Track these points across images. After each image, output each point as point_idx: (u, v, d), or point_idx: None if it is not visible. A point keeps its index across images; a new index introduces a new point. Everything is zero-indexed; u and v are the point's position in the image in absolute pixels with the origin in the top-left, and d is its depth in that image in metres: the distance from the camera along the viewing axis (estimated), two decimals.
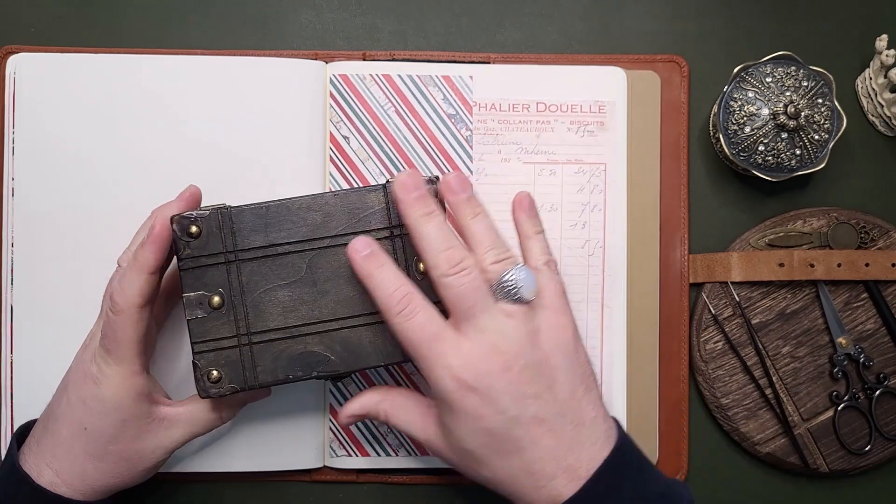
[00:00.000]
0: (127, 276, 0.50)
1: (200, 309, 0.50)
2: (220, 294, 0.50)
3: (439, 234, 0.49)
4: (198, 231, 0.50)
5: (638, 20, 0.65)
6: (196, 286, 0.50)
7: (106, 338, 0.50)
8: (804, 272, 0.61)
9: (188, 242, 0.50)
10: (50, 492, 0.50)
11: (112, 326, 0.50)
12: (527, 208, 0.54)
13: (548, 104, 0.62)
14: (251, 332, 0.51)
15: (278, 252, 0.51)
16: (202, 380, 0.50)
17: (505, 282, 0.47)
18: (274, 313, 0.51)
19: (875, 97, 0.63)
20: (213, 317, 0.50)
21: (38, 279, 0.60)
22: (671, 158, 0.63)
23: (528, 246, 0.53)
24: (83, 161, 0.60)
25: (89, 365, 0.51)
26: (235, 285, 0.50)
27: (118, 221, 0.60)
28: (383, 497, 0.62)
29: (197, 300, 0.50)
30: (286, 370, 0.51)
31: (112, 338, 0.50)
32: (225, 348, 0.50)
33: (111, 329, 0.50)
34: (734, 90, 0.60)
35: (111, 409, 0.50)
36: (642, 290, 0.62)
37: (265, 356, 0.51)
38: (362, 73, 0.62)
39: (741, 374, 0.62)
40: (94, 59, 0.61)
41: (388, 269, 0.49)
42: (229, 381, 0.51)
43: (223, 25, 0.64)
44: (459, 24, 0.65)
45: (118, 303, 0.49)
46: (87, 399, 0.50)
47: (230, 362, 0.51)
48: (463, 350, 0.47)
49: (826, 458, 0.62)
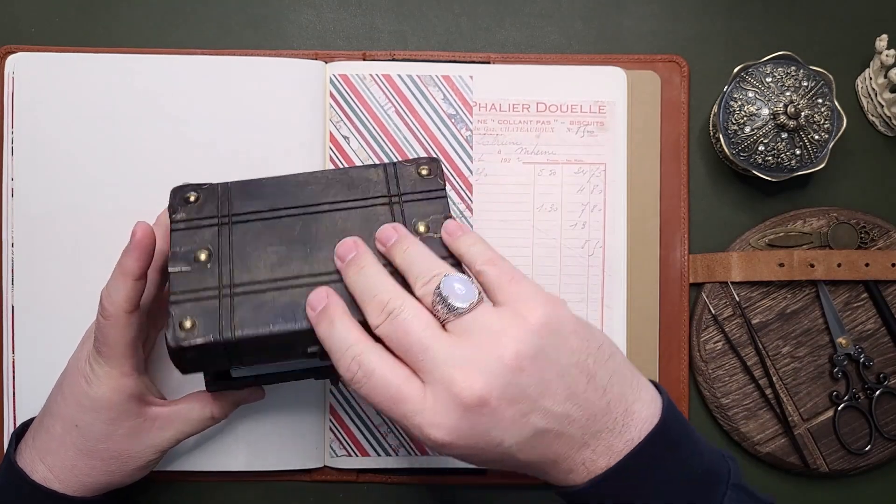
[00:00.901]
0: (113, 282, 0.50)
1: (185, 263, 0.48)
2: (207, 250, 0.48)
3: (366, 283, 0.45)
4: (196, 198, 0.50)
5: (638, 20, 0.65)
6: (184, 243, 0.49)
7: (97, 340, 0.51)
8: (804, 272, 0.61)
9: (184, 206, 0.50)
10: (43, 487, 0.50)
11: (102, 330, 0.50)
12: (452, 231, 0.48)
13: (548, 104, 0.62)
14: (234, 283, 0.47)
15: (273, 216, 0.50)
16: (173, 328, 0.46)
17: (437, 300, 0.43)
18: (262, 267, 0.48)
19: (875, 97, 0.63)
20: (197, 270, 0.48)
21: (39, 279, 0.60)
22: (671, 158, 0.63)
23: (466, 261, 0.47)
24: (83, 161, 0.60)
25: (83, 364, 0.52)
26: (225, 243, 0.49)
27: (118, 221, 0.60)
28: (383, 497, 0.62)
29: (183, 255, 0.48)
30: (268, 321, 0.46)
31: (103, 341, 0.50)
32: (204, 299, 0.47)
33: (101, 332, 0.50)
34: (734, 90, 0.60)
35: (102, 408, 0.51)
36: (642, 290, 0.62)
37: (245, 306, 0.47)
38: (362, 73, 0.62)
39: (741, 374, 0.62)
40: (94, 59, 0.61)
41: (339, 325, 0.44)
42: (202, 331, 0.46)
43: (223, 25, 0.64)
44: (459, 24, 0.65)
45: (106, 308, 0.50)
46: (80, 397, 0.51)
47: (207, 312, 0.46)
48: (427, 407, 0.41)
49: (826, 458, 0.62)
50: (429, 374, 0.41)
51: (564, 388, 0.42)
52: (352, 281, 0.46)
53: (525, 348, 0.41)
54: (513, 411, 0.41)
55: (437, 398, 0.41)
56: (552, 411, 0.42)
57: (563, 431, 0.42)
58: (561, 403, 0.42)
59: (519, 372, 0.41)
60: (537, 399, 0.41)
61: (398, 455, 0.61)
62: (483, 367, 0.41)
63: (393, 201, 0.51)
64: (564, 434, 0.42)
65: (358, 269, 0.46)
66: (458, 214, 0.62)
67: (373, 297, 0.44)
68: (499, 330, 0.42)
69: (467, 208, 0.62)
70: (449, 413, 0.41)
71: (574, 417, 0.42)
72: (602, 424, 0.42)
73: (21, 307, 0.60)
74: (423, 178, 0.52)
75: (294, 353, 0.47)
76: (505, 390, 0.41)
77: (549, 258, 0.62)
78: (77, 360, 0.53)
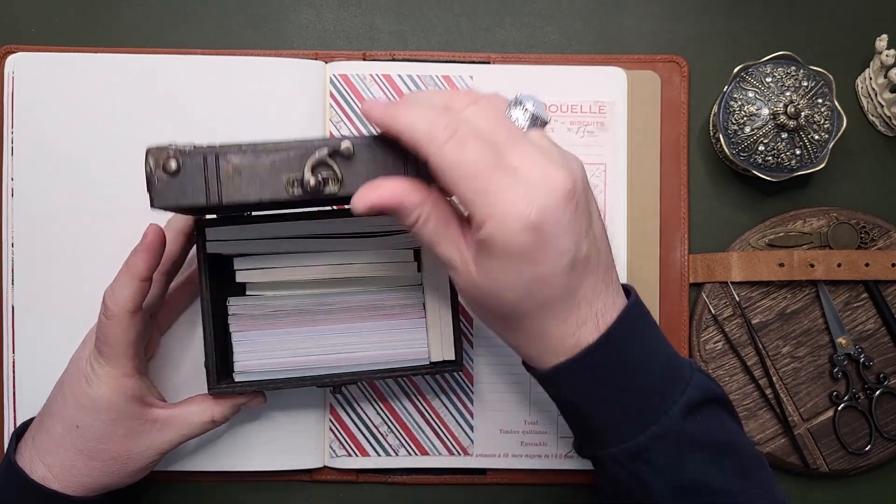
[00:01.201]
0: (118, 282, 0.50)
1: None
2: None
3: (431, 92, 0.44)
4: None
5: (638, 20, 0.65)
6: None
7: (99, 340, 0.51)
8: (804, 272, 0.61)
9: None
10: (43, 487, 0.51)
11: (104, 330, 0.50)
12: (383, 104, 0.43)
13: (548, 104, 0.62)
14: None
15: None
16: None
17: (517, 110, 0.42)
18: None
19: (875, 97, 0.63)
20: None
21: (38, 279, 0.60)
22: (671, 158, 0.63)
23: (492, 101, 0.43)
24: (83, 161, 0.60)
25: (84, 364, 0.52)
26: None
27: (118, 221, 0.60)
28: (383, 497, 0.62)
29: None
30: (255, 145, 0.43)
31: (104, 341, 0.50)
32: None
33: (103, 332, 0.50)
34: (734, 90, 0.60)
35: (102, 409, 0.51)
36: (642, 290, 0.61)
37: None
38: (362, 73, 0.62)
39: (741, 374, 0.62)
40: (94, 59, 0.61)
41: (418, 106, 0.42)
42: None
43: (223, 25, 0.64)
44: (459, 24, 0.65)
45: (110, 307, 0.50)
46: (80, 397, 0.51)
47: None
48: (521, 182, 0.39)
49: (826, 458, 0.62)
50: (523, 153, 0.40)
51: (601, 224, 0.44)
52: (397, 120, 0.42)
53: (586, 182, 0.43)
54: (580, 224, 0.41)
55: (536, 177, 0.39)
56: (592, 240, 0.42)
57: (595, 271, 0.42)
58: (598, 240, 0.43)
59: (587, 193, 0.42)
60: (588, 225, 0.42)
61: (398, 455, 0.61)
62: (571, 172, 0.40)
63: None
64: (595, 274, 0.42)
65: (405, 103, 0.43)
66: None
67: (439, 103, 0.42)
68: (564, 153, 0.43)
69: None
70: (547, 195, 0.39)
71: (603, 254, 0.43)
72: (611, 277, 0.44)
73: (21, 307, 0.60)
74: None
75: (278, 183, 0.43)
76: (580, 199, 0.41)
77: None
78: (78, 361, 0.52)
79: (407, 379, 0.61)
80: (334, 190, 0.43)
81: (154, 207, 0.43)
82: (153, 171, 0.43)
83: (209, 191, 0.43)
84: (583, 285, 0.42)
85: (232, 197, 0.43)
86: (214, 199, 0.43)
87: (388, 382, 0.61)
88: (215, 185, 0.43)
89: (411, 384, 0.61)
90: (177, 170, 0.43)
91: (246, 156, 0.43)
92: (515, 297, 0.41)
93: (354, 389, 0.61)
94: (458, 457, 0.61)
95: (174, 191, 0.43)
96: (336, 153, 0.43)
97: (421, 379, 0.61)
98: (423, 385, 0.61)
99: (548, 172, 0.39)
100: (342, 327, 0.54)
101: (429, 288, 0.55)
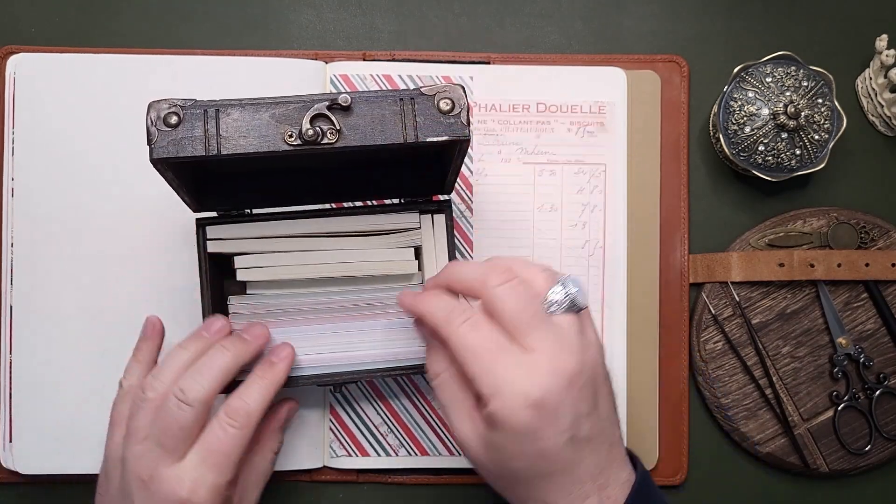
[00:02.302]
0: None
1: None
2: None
3: (473, 263, 0.49)
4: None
5: (638, 20, 0.65)
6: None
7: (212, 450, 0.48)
8: (804, 272, 0.61)
9: None
10: None
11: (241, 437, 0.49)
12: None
13: (548, 104, 0.62)
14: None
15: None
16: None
17: (556, 292, 0.46)
18: None
19: (875, 97, 0.63)
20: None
21: (38, 279, 0.60)
22: (671, 158, 0.63)
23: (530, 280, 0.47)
24: (83, 161, 0.60)
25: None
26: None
27: (118, 221, 0.60)
28: (383, 497, 0.62)
29: None
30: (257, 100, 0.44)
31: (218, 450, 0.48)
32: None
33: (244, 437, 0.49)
34: (734, 90, 0.60)
35: None
36: (642, 290, 0.62)
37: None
38: (362, 73, 0.62)
39: (741, 374, 0.62)
40: (94, 59, 0.61)
41: (443, 294, 0.48)
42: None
43: (223, 25, 0.64)
44: (459, 24, 0.65)
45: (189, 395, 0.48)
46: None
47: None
48: (533, 364, 0.43)
49: (826, 458, 0.62)
50: (537, 338, 0.44)
51: (608, 406, 0.47)
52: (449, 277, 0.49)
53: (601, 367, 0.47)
54: (582, 406, 0.44)
55: (541, 360, 0.43)
56: (596, 421, 0.45)
57: (597, 448, 0.45)
58: (603, 421, 0.46)
59: (596, 378, 0.46)
60: (594, 408, 0.45)
61: (398, 455, 0.61)
62: (581, 358, 0.44)
63: None
64: (597, 451, 0.45)
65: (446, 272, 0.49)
66: (458, 215, 0.62)
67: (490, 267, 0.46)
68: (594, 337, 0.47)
69: (467, 208, 0.62)
70: (548, 377, 0.43)
71: (607, 433, 0.46)
72: (615, 454, 0.46)
73: (19, 307, 0.60)
74: None
75: (276, 135, 0.44)
76: (586, 383, 0.44)
77: (549, 258, 0.62)
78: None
79: (407, 379, 0.61)
80: (332, 140, 0.44)
81: (153, 159, 0.43)
82: (153, 123, 0.43)
83: (208, 143, 0.43)
84: (584, 461, 0.45)
85: (231, 149, 0.43)
86: (213, 150, 0.43)
87: (389, 382, 0.61)
88: (214, 138, 0.43)
89: (411, 384, 0.61)
90: (177, 123, 0.43)
91: (246, 110, 0.44)
92: (520, 468, 0.45)
93: (354, 389, 0.61)
94: (458, 457, 0.61)
95: (174, 143, 0.43)
96: (335, 105, 0.44)
97: (421, 379, 0.61)
98: (423, 385, 0.61)
99: (558, 357, 0.44)
100: (342, 326, 0.54)
101: None
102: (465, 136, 0.45)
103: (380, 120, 0.44)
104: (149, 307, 0.59)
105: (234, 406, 0.48)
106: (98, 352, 0.59)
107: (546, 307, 0.45)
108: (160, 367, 0.50)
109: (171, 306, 0.59)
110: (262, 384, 0.50)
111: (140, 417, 0.48)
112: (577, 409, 0.44)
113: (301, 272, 0.54)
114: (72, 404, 0.59)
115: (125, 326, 0.59)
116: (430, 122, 0.45)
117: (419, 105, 0.45)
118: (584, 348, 0.45)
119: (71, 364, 0.59)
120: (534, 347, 0.44)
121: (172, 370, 0.49)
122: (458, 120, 0.45)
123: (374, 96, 0.44)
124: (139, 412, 0.48)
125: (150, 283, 0.60)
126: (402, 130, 0.44)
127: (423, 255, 0.55)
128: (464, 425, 0.46)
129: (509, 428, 0.43)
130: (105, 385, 0.58)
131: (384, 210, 0.55)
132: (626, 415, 0.61)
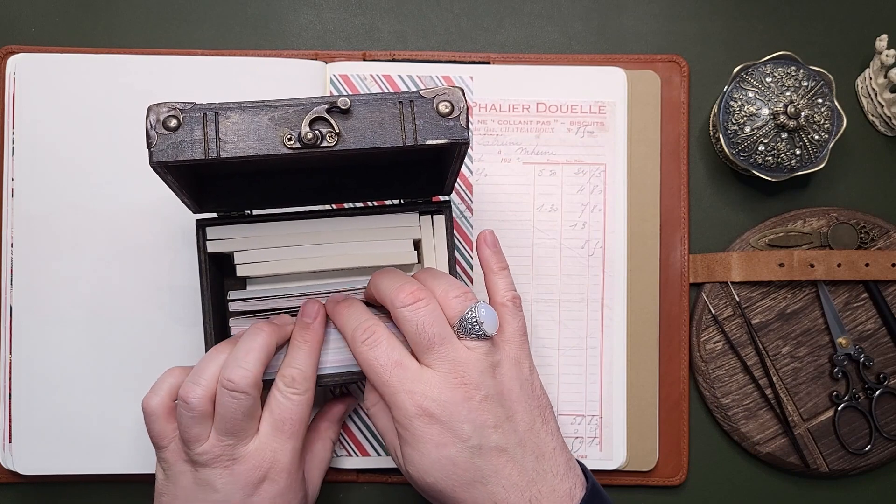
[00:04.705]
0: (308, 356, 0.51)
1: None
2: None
3: (393, 275, 0.50)
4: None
5: (638, 20, 0.65)
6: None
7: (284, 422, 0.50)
8: (804, 272, 0.61)
9: None
10: None
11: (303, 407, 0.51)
12: (491, 244, 0.53)
13: (548, 104, 0.62)
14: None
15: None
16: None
17: (466, 319, 0.48)
18: None
19: (875, 97, 0.63)
20: None
21: (38, 279, 0.60)
22: (671, 158, 0.63)
23: (493, 281, 0.52)
24: (83, 161, 0.60)
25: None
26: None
27: (117, 221, 0.60)
28: (383, 497, 0.62)
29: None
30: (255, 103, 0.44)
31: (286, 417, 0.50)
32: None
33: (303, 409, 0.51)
34: (734, 90, 0.60)
35: None
36: (642, 290, 0.62)
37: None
38: (362, 73, 0.62)
39: (741, 374, 0.62)
40: (94, 59, 0.61)
41: (356, 307, 0.51)
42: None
43: (223, 25, 0.64)
44: (459, 24, 0.65)
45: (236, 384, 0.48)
46: None
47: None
48: (425, 378, 0.47)
49: (826, 458, 0.62)
50: (438, 356, 0.47)
51: (527, 421, 0.49)
52: (374, 281, 0.51)
53: (516, 386, 0.49)
54: (485, 418, 0.47)
55: (437, 376, 0.47)
56: (511, 434, 0.47)
57: (516, 459, 0.47)
58: (521, 434, 0.48)
59: (505, 395, 0.48)
60: (504, 420, 0.47)
61: None
62: (482, 376, 0.47)
63: None
64: (516, 463, 0.47)
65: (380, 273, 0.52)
66: (458, 215, 0.62)
67: (404, 283, 0.49)
68: (510, 360, 0.50)
69: (467, 208, 0.62)
70: (443, 390, 0.46)
71: (530, 445, 0.48)
72: (548, 465, 0.48)
73: (20, 307, 0.60)
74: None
75: (276, 138, 0.44)
76: (487, 398, 0.47)
77: (549, 258, 0.62)
78: None
79: None
80: (331, 143, 0.44)
81: (153, 162, 0.43)
82: (153, 126, 0.43)
83: (208, 146, 0.43)
84: (502, 471, 0.47)
85: (230, 152, 0.43)
86: (213, 154, 0.43)
87: None
88: (214, 141, 0.43)
89: None
90: (176, 127, 0.43)
91: (245, 113, 0.44)
92: (435, 479, 0.47)
93: (354, 389, 0.61)
94: None
95: (173, 146, 0.43)
96: (334, 108, 0.44)
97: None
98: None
99: (452, 372, 0.47)
100: None
101: None
102: (464, 139, 0.45)
103: (379, 123, 0.44)
104: (149, 307, 0.59)
105: (289, 375, 0.50)
106: (98, 352, 0.59)
107: (457, 329, 0.48)
108: (195, 369, 0.50)
109: (172, 306, 0.59)
110: (305, 347, 0.51)
111: (192, 424, 0.49)
112: (479, 420, 0.46)
113: (300, 265, 0.54)
114: (72, 405, 0.59)
115: (125, 326, 0.59)
116: (429, 125, 0.45)
117: (418, 108, 0.45)
118: (489, 368, 0.48)
119: (71, 364, 0.59)
120: (430, 365, 0.47)
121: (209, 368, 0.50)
122: (458, 123, 0.45)
123: (373, 99, 0.44)
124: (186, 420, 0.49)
125: (150, 283, 0.60)
126: (402, 133, 0.44)
127: (423, 255, 0.55)
128: (397, 451, 0.49)
129: (410, 437, 0.46)
130: (105, 385, 0.59)
131: (384, 211, 0.55)
132: (626, 415, 0.61)
